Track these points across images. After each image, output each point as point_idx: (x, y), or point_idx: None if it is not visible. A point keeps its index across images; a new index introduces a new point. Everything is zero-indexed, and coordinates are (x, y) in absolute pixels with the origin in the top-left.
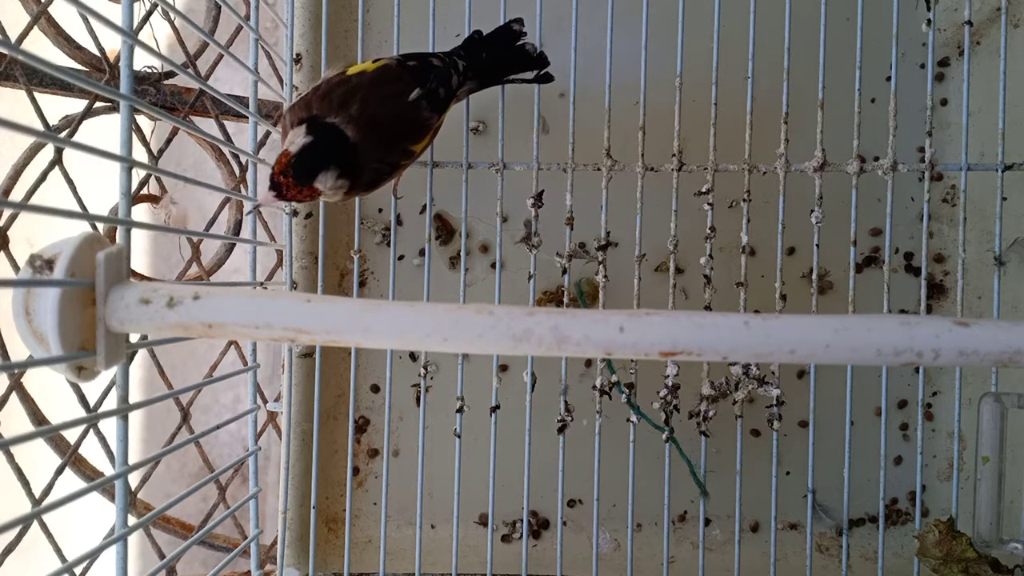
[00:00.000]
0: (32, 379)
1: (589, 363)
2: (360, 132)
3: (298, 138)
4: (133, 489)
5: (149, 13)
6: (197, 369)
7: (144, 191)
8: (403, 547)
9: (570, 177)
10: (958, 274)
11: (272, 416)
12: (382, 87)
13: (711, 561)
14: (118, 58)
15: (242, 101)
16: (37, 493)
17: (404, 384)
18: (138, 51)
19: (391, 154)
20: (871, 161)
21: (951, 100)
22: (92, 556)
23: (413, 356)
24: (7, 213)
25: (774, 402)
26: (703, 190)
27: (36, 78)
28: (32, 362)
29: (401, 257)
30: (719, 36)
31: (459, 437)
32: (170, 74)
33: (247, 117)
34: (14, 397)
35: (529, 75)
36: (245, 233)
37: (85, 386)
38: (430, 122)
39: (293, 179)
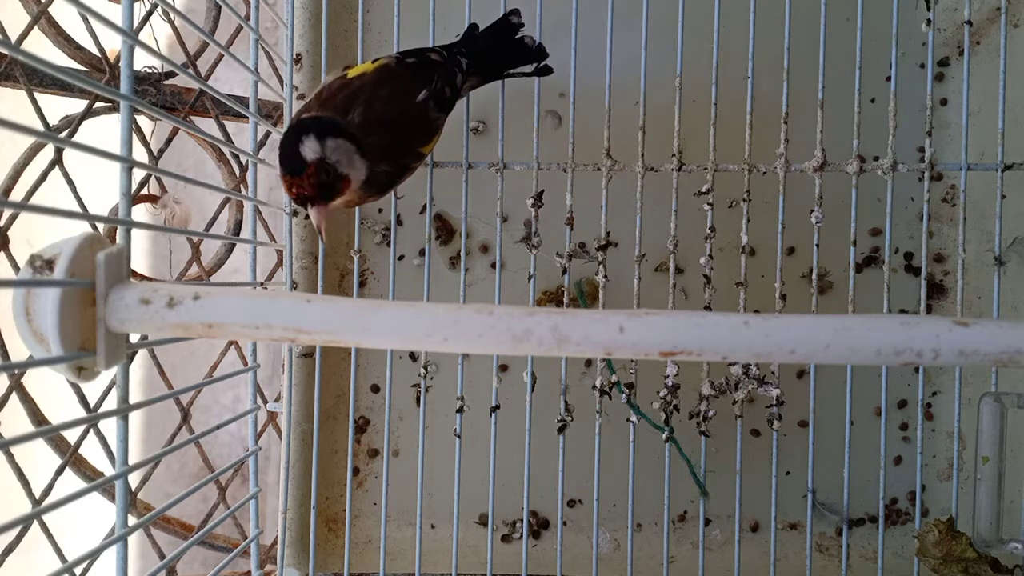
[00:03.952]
0: (32, 379)
1: (589, 363)
2: (367, 135)
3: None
4: (133, 489)
5: (149, 13)
6: (197, 369)
7: (144, 191)
8: (403, 547)
9: (570, 177)
10: (958, 274)
11: (272, 416)
12: (384, 87)
13: (711, 561)
14: (118, 58)
15: (242, 101)
16: (37, 493)
17: (404, 384)
18: (138, 51)
19: (402, 156)
20: (871, 161)
21: (951, 100)
22: (92, 556)
23: (413, 356)
24: (7, 213)
25: (774, 402)
26: (703, 190)
27: (36, 78)
28: (32, 362)
29: (401, 257)
30: (719, 36)
31: (459, 437)
32: (170, 74)
33: (247, 117)
34: (14, 397)
35: (528, 68)
36: (245, 233)
37: (85, 386)
38: (438, 122)
39: (299, 174)
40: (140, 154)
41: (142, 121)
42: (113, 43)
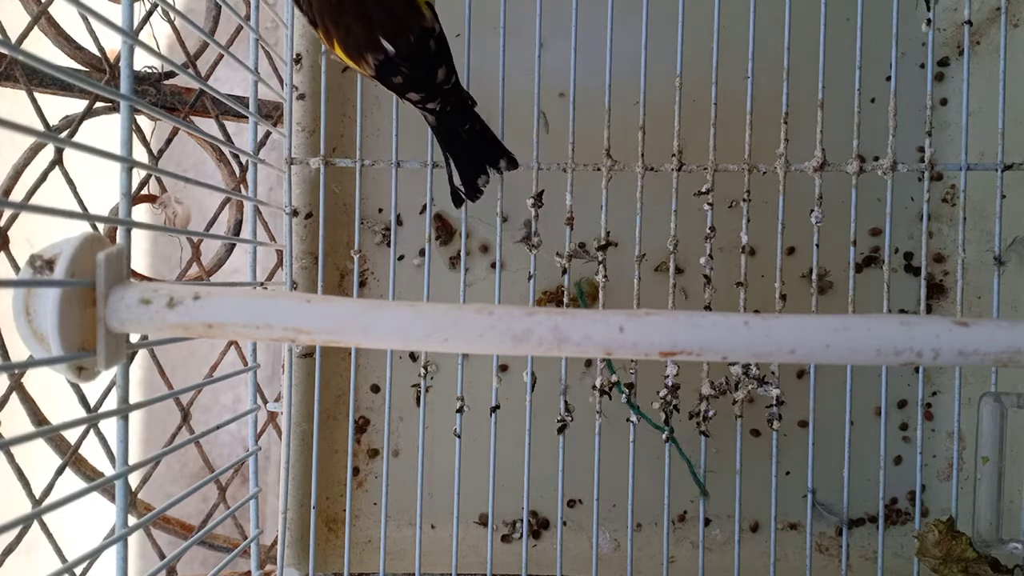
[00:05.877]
0: (32, 379)
1: (589, 363)
2: None
3: None
4: (133, 489)
5: (149, 13)
6: (197, 369)
7: (144, 191)
8: (403, 547)
9: (570, 177)
10: (958, 274)
11: (272, 416)
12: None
13: (711, 561)
14: (118, 58)
15: (242, 101)
16: (37, 493)
17: (404, 384)
18: (138, 51)
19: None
20: (871, 161)
21: (951, 100)
22: (92, 556)
23: (413, 356)
24: (7, 213)
25: (774, 402)
26: (703, 190)
27: (36, 78)
28: (32, 362)
29: (401, 257)
30: (719, 36)
31: (459, 437)
32: (170, 74)
33: (247, 117)
34: (14, 397)
35: (457, 178)
36: (245, 233)
37: (85, 386)
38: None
39: None
40: (140, 154)
41: (142, 121)
42: (113, 43)
